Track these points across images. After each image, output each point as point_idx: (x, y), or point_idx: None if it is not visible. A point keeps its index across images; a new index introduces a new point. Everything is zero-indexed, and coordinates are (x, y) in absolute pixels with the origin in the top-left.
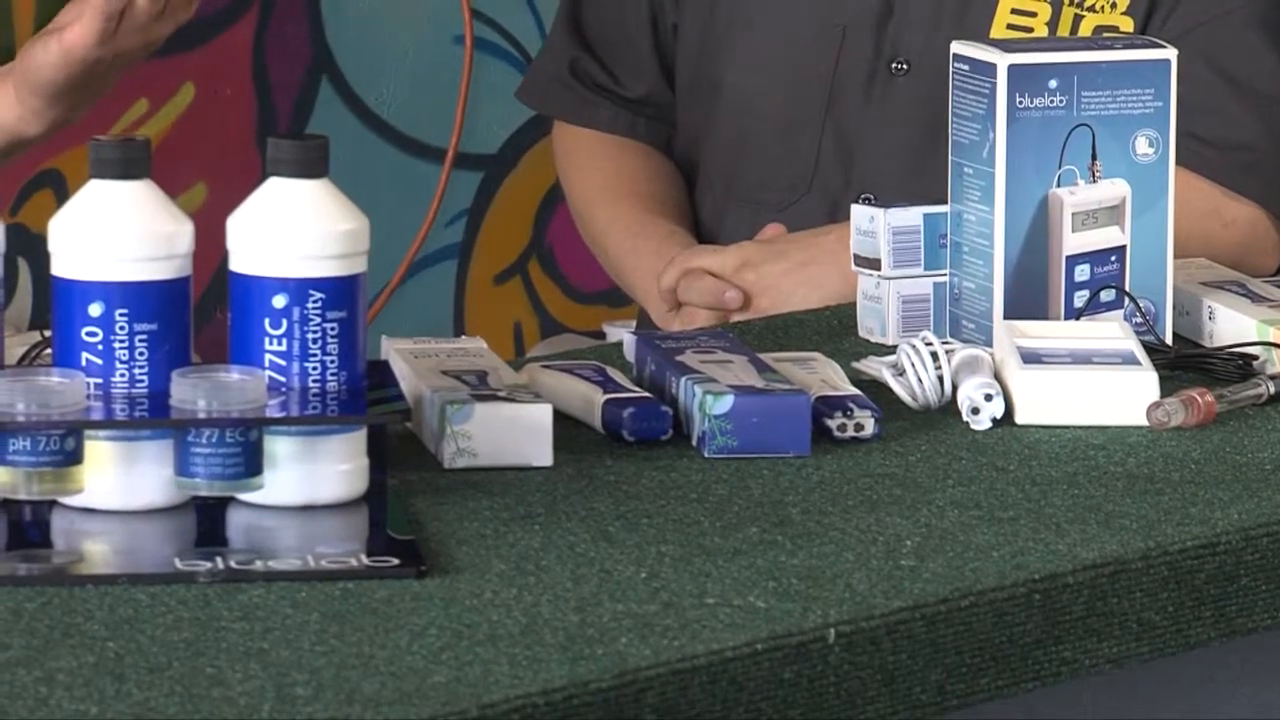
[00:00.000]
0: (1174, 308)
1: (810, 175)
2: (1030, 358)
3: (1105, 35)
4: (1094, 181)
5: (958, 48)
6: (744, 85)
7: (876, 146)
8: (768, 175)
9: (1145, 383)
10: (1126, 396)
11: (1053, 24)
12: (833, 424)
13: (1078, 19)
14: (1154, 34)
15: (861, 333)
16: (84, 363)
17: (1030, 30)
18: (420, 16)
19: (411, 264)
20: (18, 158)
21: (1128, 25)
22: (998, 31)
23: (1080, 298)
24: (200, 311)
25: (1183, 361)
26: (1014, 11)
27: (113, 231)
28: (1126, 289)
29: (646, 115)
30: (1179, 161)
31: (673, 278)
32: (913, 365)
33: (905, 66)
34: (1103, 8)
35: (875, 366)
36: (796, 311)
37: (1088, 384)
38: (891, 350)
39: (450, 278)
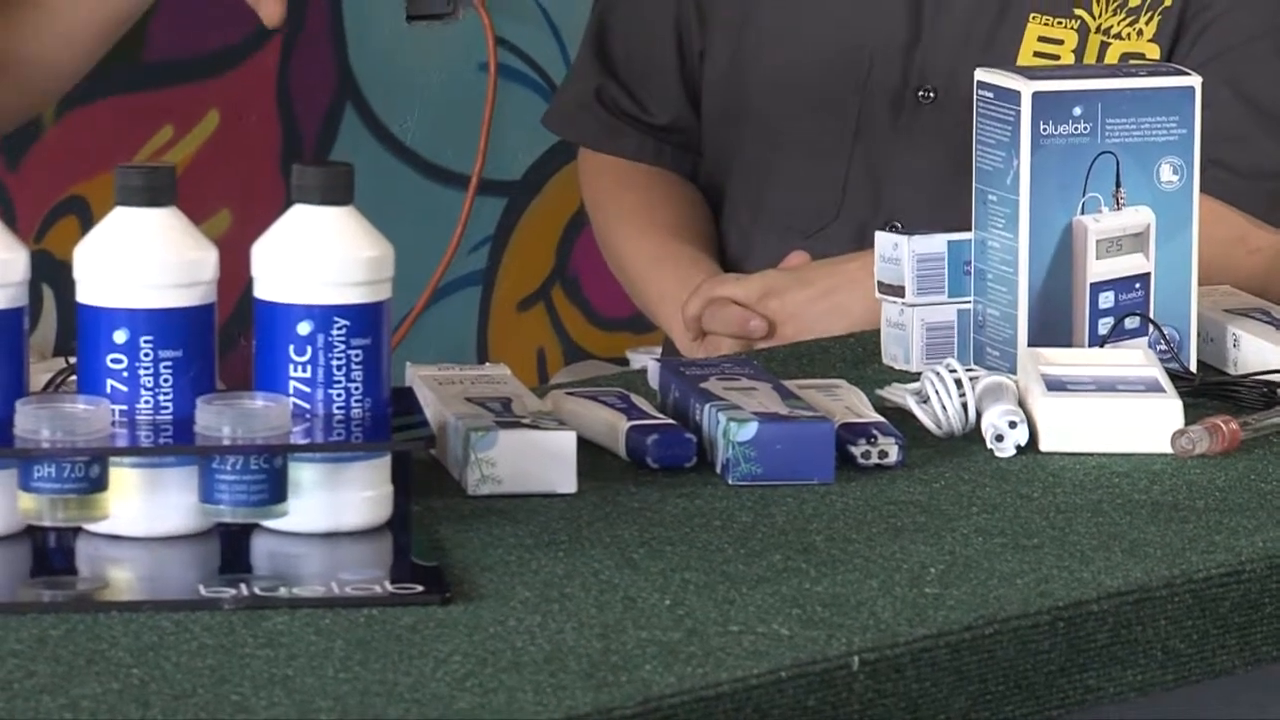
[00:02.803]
0: (1198, 335)
1: (839, 202)
2: (1054, 385)
3: (1131, 63)
4: (1118, 209)
5: (982, 75)
6: (771, 112)
7: (904, 174)
8: (795, 202)
9: (1170, 410)
10: (1151, 424)
11: (1079, 51)
12: (857, 451)
13: (1104, 46)
14: (1180, 60)
15: (886, 360)
16: (109, 389)
17: (1057, 57)
18: (444, 43)
19: (435, 290)
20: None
21: (1154, 52)
22: (1024, 59)
23: (1104, 325)
24: (225, 338)
25: (1207, 389)
26: (1041, 39)
27: (138, 258)
28: (1151, 316)
29: (673, 142)
30: (1204, 189)
31: (697, 306)
32: (937, 392)
33: (933, 94)
34: (1129, 35)
35: (899, 393)
36: (820, 338)
37: (1112, 411)
38: (915, 377)
39: (474, 304)
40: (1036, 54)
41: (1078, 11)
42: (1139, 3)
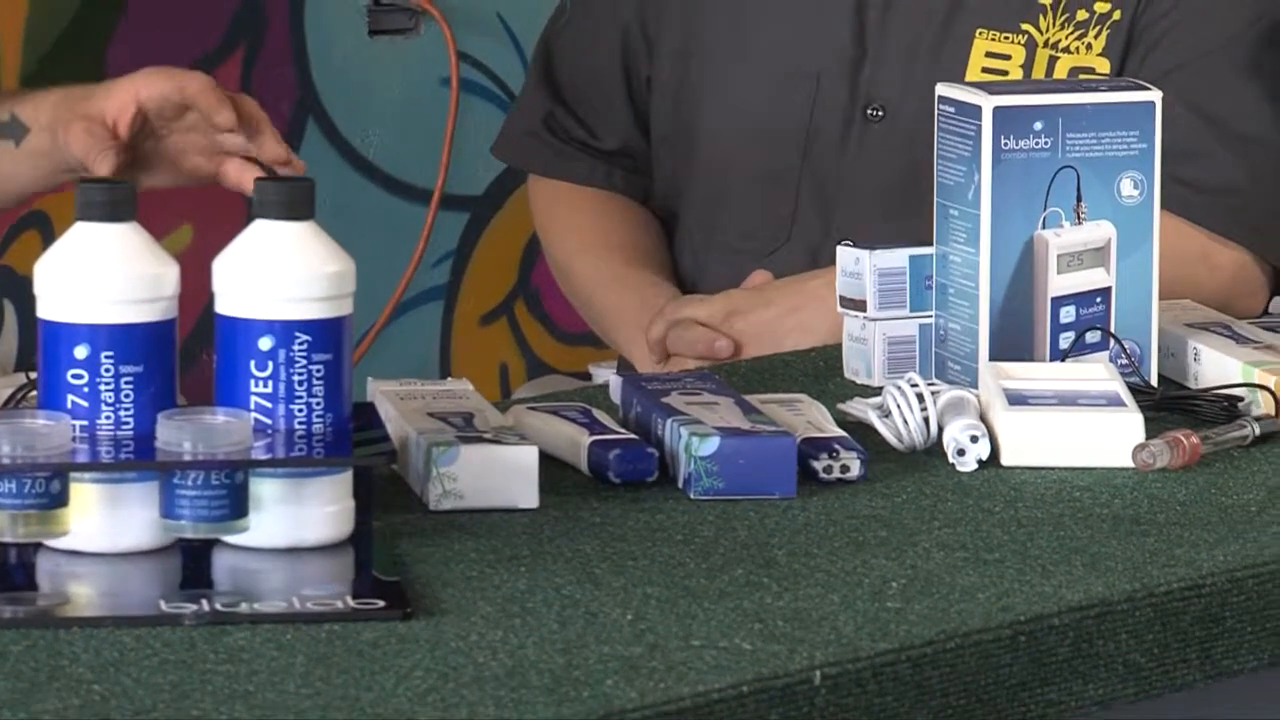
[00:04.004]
0: (1159, 349)
1: (789, 224)
2: (1016, 399)
3: (1090, 77)
4: (1079, 223)
5: (942, 90)
6: (720, 136)
7: (854, 192)
8: (747, 225)
9: (1130, 424)
10: (1112, 438)
11: (1027, 66)
12: (818, 465)
13: (1053, 60)
14: (1131, 75)
15: (847, 374)
16: (69, 405)
17: (1005, 73)
18: (406, 58)
19: (398, 305)
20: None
21: (1104, 67)
22: (972, 74)
23: (1066, 339)
24: (186, 353)
25: (1168, 403)
26: (988, 54)
27: (98, 274)
28: (1112, 330)
29: (623, 167)
30: (1166, 207)
31: (661, 329)
32: (898, 407)
33: (881, 112)
34: (1078, 49)
35: (861, 408)
36: (783, 353)
37: (1073, 425)
38: (877, 392)
39: (436, 319)
40: (984, 69)
41: (1025, 26)
42: (1087, 16)
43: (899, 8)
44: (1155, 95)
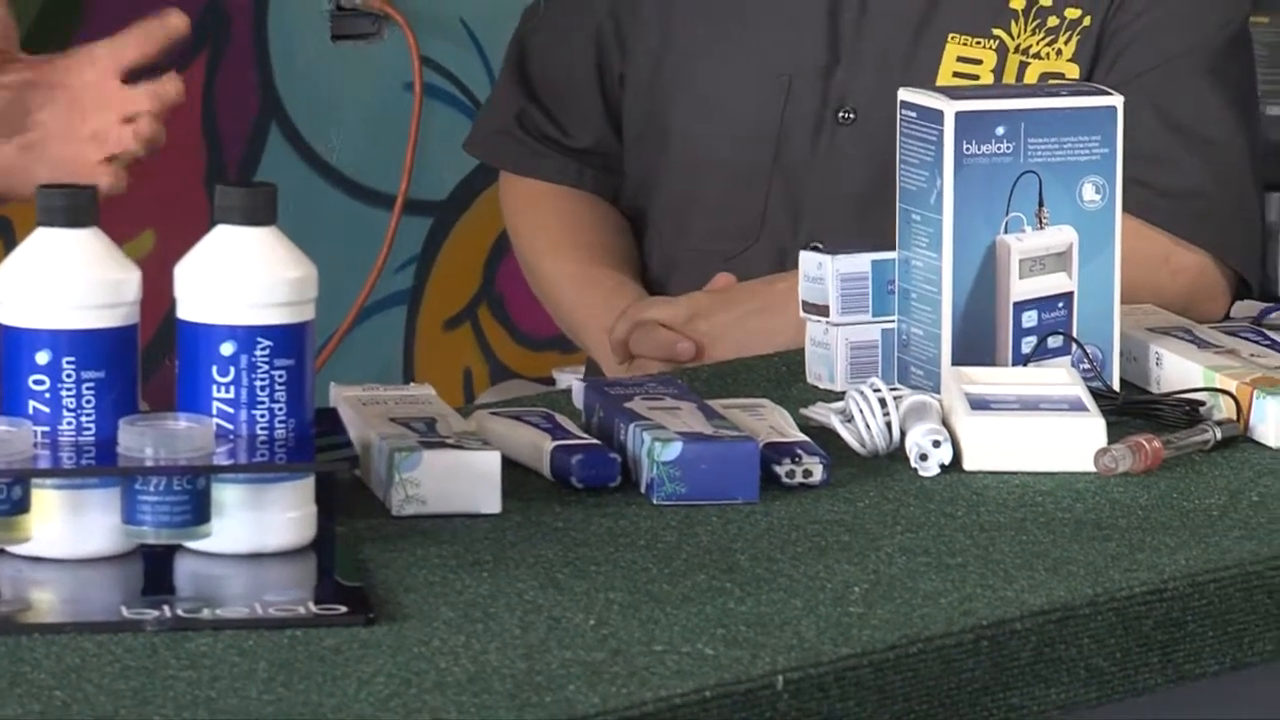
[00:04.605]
0: (1121, 354)
1: (759, 225)
2: (978, 404)
3: (1052, 82)
4: (1041, 228)
5: (905, 95)
6: (692, 136)
7: (824, 195)
8: (716, 225)
9: (1092, 429)
10: (1074, 443)
11: (999, 71)
12: (781, 470)
13: (1023, 66)
14: (1100, 80)
15: (810, 379)
16: (31, 411)
17: (977, 77)
18: (369, 63)
19: (361, 310)
20: None
21: (1073, 72)
22: (944, 79)
23: (1028, 344)
24: (149, 359)
25: (1130, 408)
26: (960, 59)
27: (60, 279)
28: (1074, 335)
29: (594, 166)
30: (1128, 210)
31: (624, 330)
32: (861, 411)
33: (852, 115)
34: (1048, 54)
35: (823, 413)
36: (745, 358)
37: (1035, 430)
38: (840, 397)
39: (400, 324)
40: (956, 74)
41: (996, 31)
42: (1058, 22)
43: (873, 12)
44: (1117, 100)
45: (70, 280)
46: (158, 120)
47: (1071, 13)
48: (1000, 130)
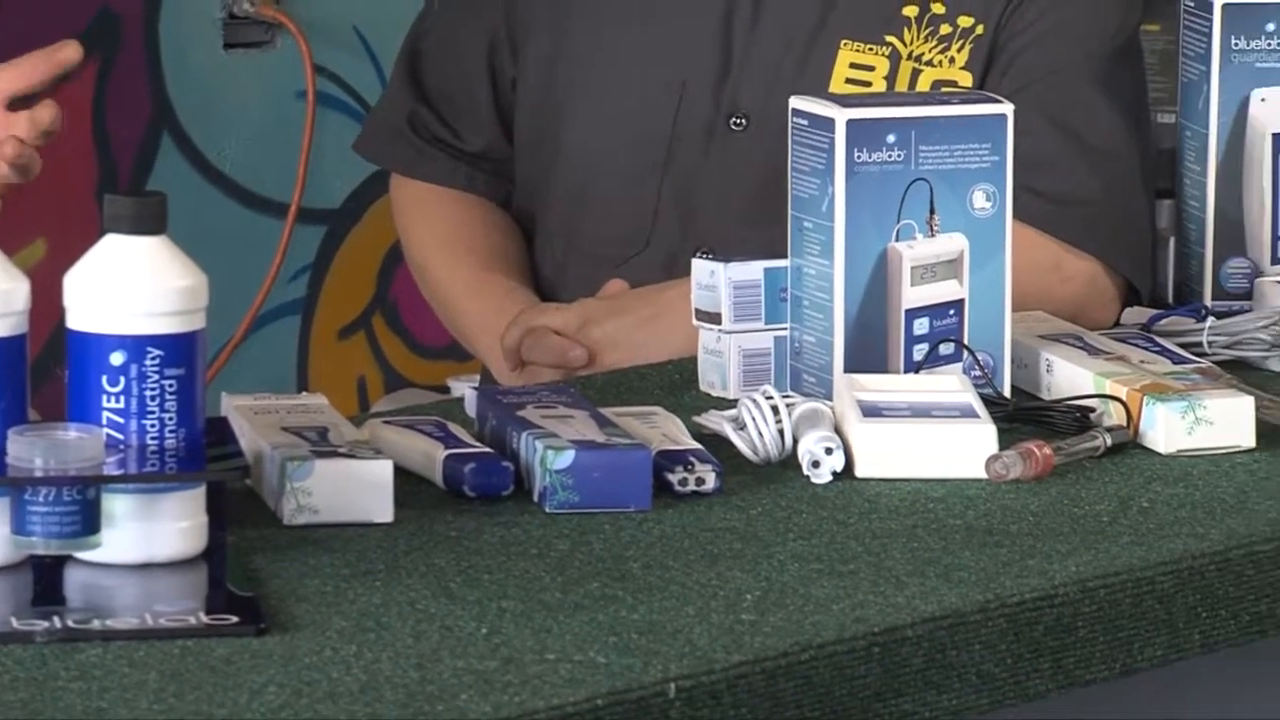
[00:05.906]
0: (1012, 361)
1: (649, 230)
2: (870, 411)
3: (944, 90)
4: (932, 235)
5: (796, 103)
6: (584, 143)
7: (714, 201)
8: (606, 230)
9: (984, 435)
10: (965, 449)
11: (891, 78)
12: (674, 478)
13: (916, 73)
14: (992, 88)
15: (703, 386)
16: None
17: (869, 84)
18: (262, 71)
19: (254, 319)
20: None
21: (966, 80)
22: (837, 86)
23: (919, 351)
24: (39, 369)
25: (1021, 414)
26: (853, 66)
27: None
28: (965, 342)
29: (485, 169)
30: (1019, 216)
31: (515, 337)
32: (753, 419)
33: (744, 122)
34: (941, 62)
35: (716, 420)
36: (638, 366)
37: (927, 437)
38: (732, 404)
39: (294, 333)
40: (849, 80)
41: (889, 38)
42: (950, 30)
43: (766, 19)
44: (1007, 108)
45: None
46: (30, 146)
47: (964, 21)
48: (891, 138)
